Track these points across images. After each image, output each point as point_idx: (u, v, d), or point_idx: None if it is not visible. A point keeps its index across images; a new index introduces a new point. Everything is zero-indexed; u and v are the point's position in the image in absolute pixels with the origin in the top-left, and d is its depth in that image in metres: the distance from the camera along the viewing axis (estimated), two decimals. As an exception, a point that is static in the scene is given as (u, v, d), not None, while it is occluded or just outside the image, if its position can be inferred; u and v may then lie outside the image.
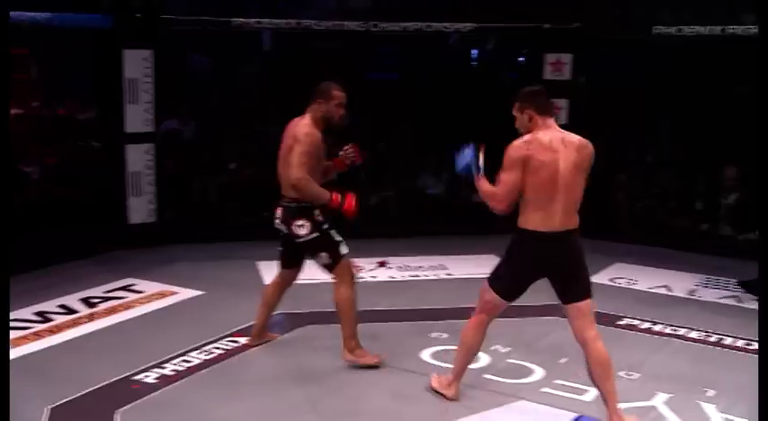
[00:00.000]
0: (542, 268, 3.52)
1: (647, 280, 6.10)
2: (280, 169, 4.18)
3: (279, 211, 4.19)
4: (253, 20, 6.73)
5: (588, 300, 3.52)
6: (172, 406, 3.80)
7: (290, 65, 8.38)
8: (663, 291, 5.87)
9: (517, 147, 3.44)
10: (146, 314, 5.15)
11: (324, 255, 4.14)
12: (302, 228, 4.09)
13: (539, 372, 4.25)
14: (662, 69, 8.04)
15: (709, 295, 5.80)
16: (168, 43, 7.01)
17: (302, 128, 4.05)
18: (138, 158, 6.62)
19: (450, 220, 7.38)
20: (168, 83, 7.08)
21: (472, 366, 4.27)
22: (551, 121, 3.52)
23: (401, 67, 9.22)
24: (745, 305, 5.59)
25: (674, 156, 7.83)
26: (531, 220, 3.43)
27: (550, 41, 7.35)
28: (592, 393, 3.99)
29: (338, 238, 4.15)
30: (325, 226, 4.13)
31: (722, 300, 5.69)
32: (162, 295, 5.49)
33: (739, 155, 7.19)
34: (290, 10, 7.95)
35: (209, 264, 6.34)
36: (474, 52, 9.57)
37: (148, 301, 5.36)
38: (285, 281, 4.47)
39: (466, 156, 3.67)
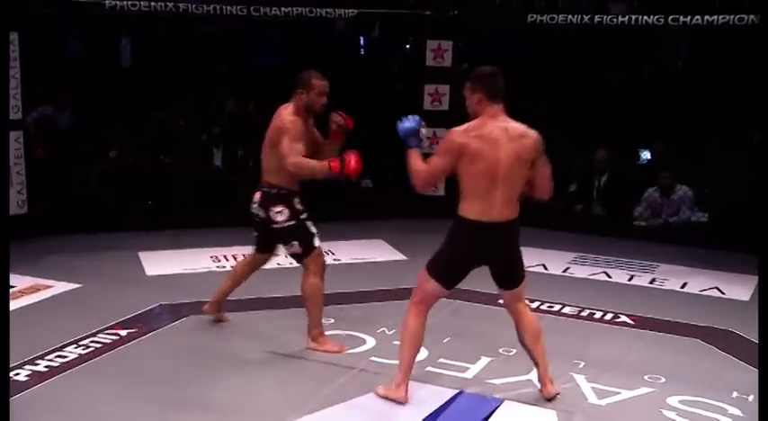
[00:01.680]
0: (481, 257, 3.53)
1: (526, 259, 6.24)
2: (262, 155, 4.23)
3: (257, 196, 4.18)
4: (128, 2, 6.45)
5: (520, 287, 3.67)
6: (44, 403, 3.64)
7: (170, 49, 8.13)
8: (539, 269, 6.08)
9: (456, 134, 3.39)
10: (17, 309, 4.85)
11: (295, 243, 4.14)
12: (280, 215, 4.10)
13: (423, 352, 4.28)
14: (541, 56, 8.33)
15: (581, 272, 6.07)
16: (40, 26, 6.65)
17: (286, 116, 4.07)
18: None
19: (337, 206, 7.38)
20: (40, 68, 6.72)
21: (357, 350, 4.32)
22: (499, 108, 3.43)
23: (287, 53, 9.11)
24: (614, 280, 5.89)
25: (551, 140, 8.11)
26: (471, 210, 3.41)
27: (431, 29, 7.45)
28: (472, 370, 4.12)
29: (313, 230, 4.17)
30: (303, 216, 4.15)
31: (593, 277, 5.97)
32: (35, 289, 5.23)
33: (609, 138, 7.56)
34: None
35: (87, 255, 6.09)
36: (361, 39, 9.60)
37: (20, 296, 5.08)
38: (257, 262, 4.50)
39: (411, 121, 3.57)
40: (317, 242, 4.19)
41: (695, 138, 7.69)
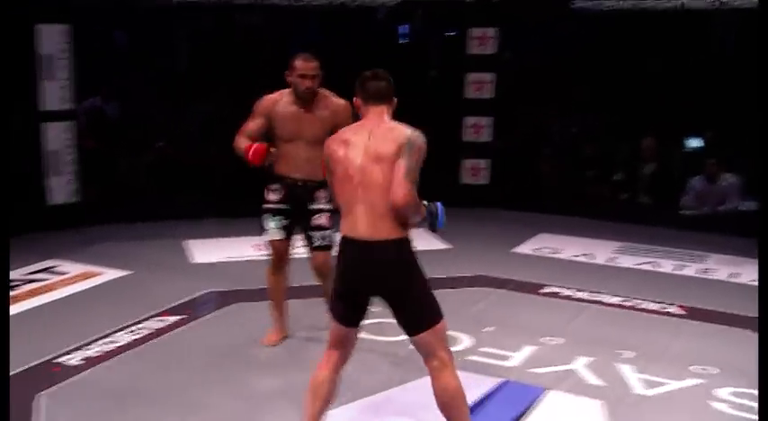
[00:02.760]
0: (353, 283, 2.86)
1: (570, 248, 6.26)
2: None
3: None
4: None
5: (424, 335, 2.85)
6: (96, 387, 3.72)
7: (214, 41, 8.22)
8: (584, 259, 6.03)
9: (324, 148, 2.96)
10: (69, 295, 5.01)
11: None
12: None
13: (465, 341, 4.31)
14: (586, 43, 8.21)
15: (627, 261, 5.98)
16: (89, 19, 6.77)
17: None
18: (57, 137, 6.39)
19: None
20: (90, 60, 6.85)
21: (398, 338, 4.28)
22: (375, 110, 2.90)
23: (325, 43, 9.11)
24: (662, 269, 5.80)
25: (596, 128, 8.02)
26: (343, 224, 2.86)
27: (475, 16, 7.38)
28: (516, 359, 4.09)
29: (270, 223, 4.02)
30: (267, 204, 4.02)
31: (639, 266, 5.88)
32: (86, 276, 5.35)
33: (656, 127, 7.42)
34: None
35: (135, 243, 6.21)
36: (403, 28, 9.54)
37: (72, 283, 5.22)
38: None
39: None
40: (266, 235, 4.06)
41: (745, 125, 7.51)
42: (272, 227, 4.02)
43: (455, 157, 7.65)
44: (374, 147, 2.79)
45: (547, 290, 5.23)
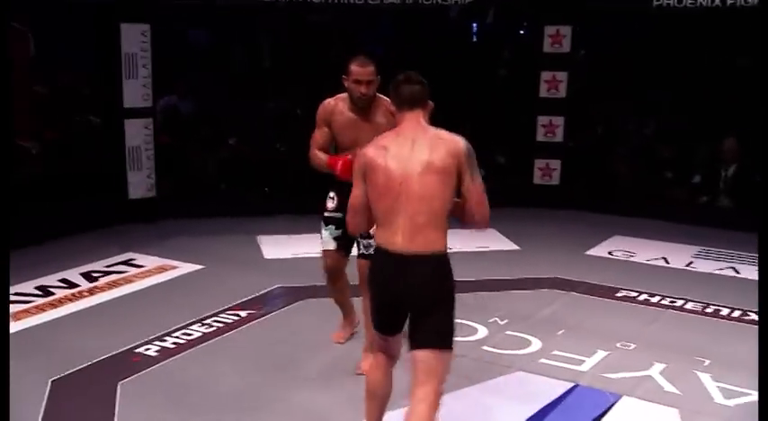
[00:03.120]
0: (389, 298, 2.76)
1: (645, 252, 6.11)
2: None
3: None
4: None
5: (430, 353, 2.71)
6: (172, 378, 3.83)
7: (287, 39, 8.33)
8: (660, 262, 5.88)
9: (359, 156, 2.84)
10: (146, 288, 5.17)
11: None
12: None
13: (536, 344, 4.27)
14: (662, 41, 7.99)
15: (706, 266, 5.81)
16: (166, 18, 6.95)
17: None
18: (137, 133, 6.60)
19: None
20: (166, 58, 7.03)
21: (469, 338, 4.31)
22: (415, 115, 2.78)
23: (395, 41, 9.13)
24: (742, 275, 5.60)
25: (674, 128, 7.80)
26: (379, 235, 2.77)
27: (549, 14, 7.28)
28: (588, 363, 4.02)
29: (324, 233, 3.94)
30: (326, 213, 3.94)
31: (719, 272, 5.71)
32: (162, 269, 5.50)
33: (739, 127, 7.16)
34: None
35: (208, 238, 6.35)
36: (474, 26, 9.48)
37: (149, 275, 5.38)
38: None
39: None
40: (322, 245, 3.98)
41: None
42: (325, 236, 3.96)
43: (528, 157, 7.57)
44: (422, 156, 2.67)
45: (621, 294, 5.12)
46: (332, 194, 3.91)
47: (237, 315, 4.63)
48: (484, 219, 2.79)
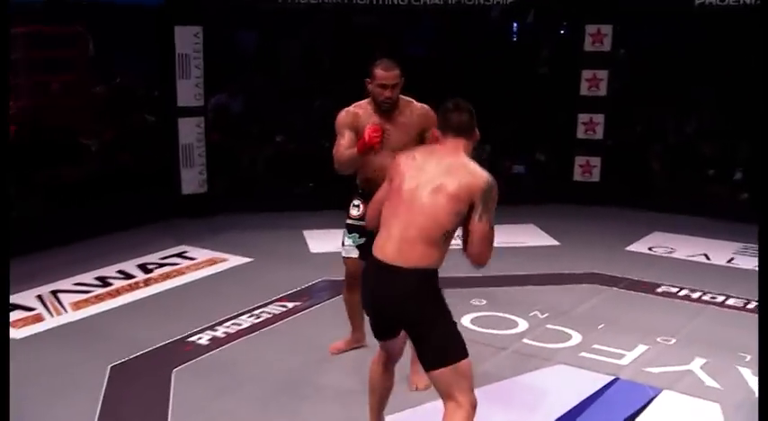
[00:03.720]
0: (373, 307, 2.72)
1: (686, 248, 6.00)
2: None
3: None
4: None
5: (439, 373, 2.60)
6: (223, 366, 3.88)
7: (333, 39, 8.36)
8: (701, 259, 5.77)
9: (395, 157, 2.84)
10: (198, 280, 5.24)
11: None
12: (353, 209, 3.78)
13: (576, 337, 4.22)
14: (703, 39, 7.82)
15: (748, 263, 5.67)
16: (217, 20, 7.04)
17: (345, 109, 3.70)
18: (190, 131, 6.69)
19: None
20: (217, 58, 7.11)
21: (510, 331, 4.29)
22: (456, 142, 2.71)
23: (437, 42, 9.09)
24: (784, 273, 5.46)
25: (715, 126, 7.63)
26: (376, 239, 2.71)
27: (591, 13, 7.19)
28: (628, 357, 3.97)
29: (347, 241, 3.73)
30: (351, 221, 3.73)
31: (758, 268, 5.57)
32: (213, 262, 5.58)
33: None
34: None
35: (256, 232, 6.42)
36: (514, 25, 9.40)
37: (200, 268, 5.45)
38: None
39: None
40: (344, 252, 3.77)
41: None
42: (347, 244, 3.74)
43: (568, 154, 7.48)
44: (440, 177, 2.60)
45: (662, 289, 5.04)
46: (356, 202, 3.74)
47: (284, 306, 4.68)
48: (480, 257, 2.67)
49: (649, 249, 5.99)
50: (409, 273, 2.58)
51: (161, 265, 5.47)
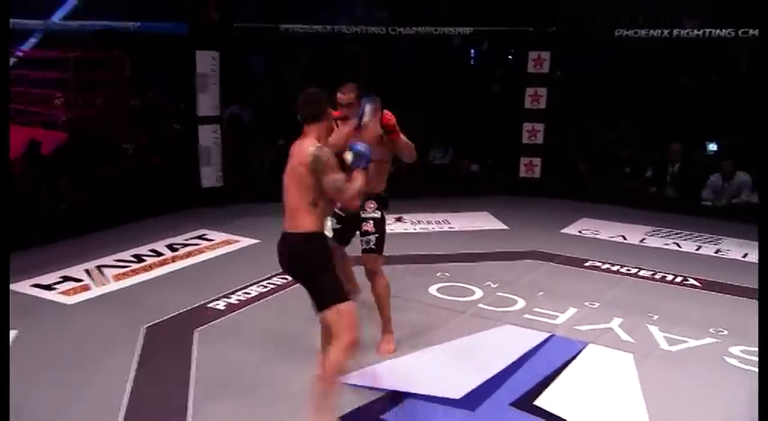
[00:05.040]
0: (279, 263, 2.81)
1: (607, 231, 6.07)
2: None
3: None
4: (297, 26, 6.65)
5: (326, 313, 2.71)
6: (236, 326, 3.88)
7: (326, 63, 8.31)
8: (619, 239, 5.83)
9: None
10: (215, 257, 5.21)
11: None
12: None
13: (521, 303, 4.26)
14: (624, 65, 7.90)
15: (656, 242, 5.76)
16: (231, 46, 6.97)
17: None
18: (208, 136, 6.63)
19: (451, 185, 7.35)
20: (231, 77, 7.05)
21: (468, 298, 4.31)
22: (307, 128, 2.75)
23: (412, 64, 9.06)
24: (684, 249, 5.56)
25: (631, 134, 7.71)
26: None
27: (533, 42, 7.21)
28: (562, 318, 4.02)
29: (327, 223, 3.43)
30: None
31: (665, 246, 5.66)
32: (227, 242, 5.55)
33: (682, 134, 7.10)
34: (325, 18, 7.88)
35: (264, 218, 6.27)
36: (472, 52, 9.41)
37: (217, 247, 5.42)
38: None
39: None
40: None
41: (754, 133, 7.07)
42: (327, 226, 3.53)
43: (515, 156, 7.52)
44: (291, 160, 2.72)
45: (589, 263, 5.09)
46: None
47: (286, 278, 4.64)
48: (345, 203, 2.95)
49: (579, 232, 6.05)
50: (294, 237, 2.71)
51: (185, 245, 5.44)
